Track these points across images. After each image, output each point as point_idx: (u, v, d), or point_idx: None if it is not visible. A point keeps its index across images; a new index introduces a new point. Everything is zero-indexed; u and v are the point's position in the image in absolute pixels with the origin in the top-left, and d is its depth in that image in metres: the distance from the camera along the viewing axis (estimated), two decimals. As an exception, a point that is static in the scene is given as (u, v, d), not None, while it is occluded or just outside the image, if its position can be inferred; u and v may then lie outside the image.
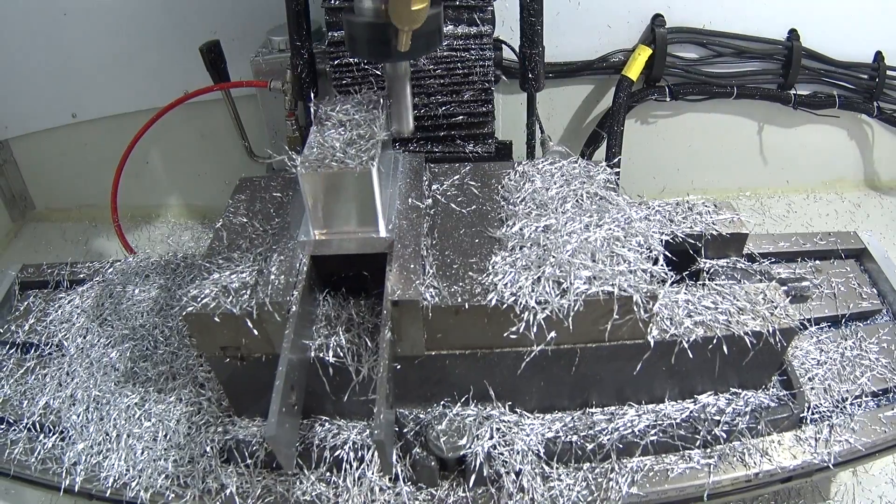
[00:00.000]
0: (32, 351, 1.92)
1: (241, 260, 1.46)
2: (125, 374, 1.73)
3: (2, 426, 1.75)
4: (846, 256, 2.02)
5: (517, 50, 2.34)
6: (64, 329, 1.91)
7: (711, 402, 1.54)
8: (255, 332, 1.36)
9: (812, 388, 1.64)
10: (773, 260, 1.83)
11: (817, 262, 1.98)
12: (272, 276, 1.36)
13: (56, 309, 1.99)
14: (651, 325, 1.39)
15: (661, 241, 1.56)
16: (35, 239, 3.19)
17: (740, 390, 1.57)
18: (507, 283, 1.32)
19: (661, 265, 1.40)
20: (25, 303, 2.08)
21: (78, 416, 1.67)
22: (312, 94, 2.13)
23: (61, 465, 1.61)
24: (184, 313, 1.36)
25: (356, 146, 1.35)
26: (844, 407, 1.62)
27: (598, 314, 1.32)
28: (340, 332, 1.38)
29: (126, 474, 1.55)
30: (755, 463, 1.50)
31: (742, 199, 3.28)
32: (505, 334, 1.34)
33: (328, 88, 2.21)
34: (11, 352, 1.95)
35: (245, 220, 1.58)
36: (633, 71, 2.74)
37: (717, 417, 1.51)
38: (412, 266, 1.34)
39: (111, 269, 2.09)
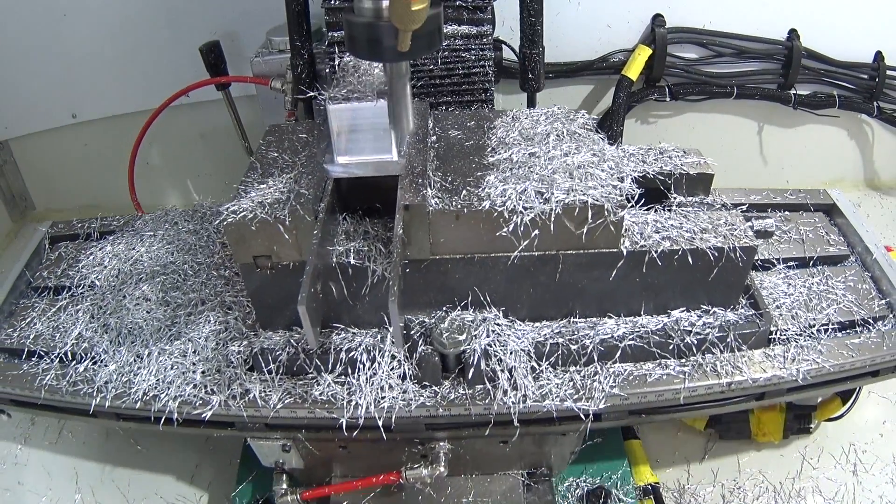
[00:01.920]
0: (64, 292, 2.02)
1: (275, 183, 1.65)
2: (157, 303, 1.84)
3: (33, 359, 1.84)
4: (815, 210, 2.14)
5: (517, 50, 2.35)
6: (96, 271, 2.01)
7: (684, 316, 1.70)
8: (287, 237, 1.53)
9: (780, 315, 1.77)
10: (747, 210, 1.91)
11: (787, 212, 2.12)
12: (302, 191, 1.58)
13: (87, 256, 2.09)
14: (623, 237, 1.60)
15: (635, 175, 1.75)
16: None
17: (710, 307, 1.72)
18: (498, 194, 1.56)
19: (629, 184, 1.61)
20: (57, 252, 2.21)
21: (110, 342, 1.78)
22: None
23: (93, 385, 1.70)
24: (224, 223, 1.53)
25: (374, 87, 1.60)
26: (811, 333, 1.74)
27: (576, 220, 1.54)
28: (358, 241, 1.60)
29: (155, 387, 1.65)
30: (727, 373, 1.64)
31: (742, 199, 3.28)
32: (498, 234, 1.54)
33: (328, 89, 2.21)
34: (43, 295, 2.06)
35: (276, 154, 1.78)
36: (633, 71, 2.74)
37: (688, 329, 1.67)
38: (420, 181, 1.56)
39: (140, 220, 2.22)
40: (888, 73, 2.88)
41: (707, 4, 2.77)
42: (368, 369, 1.61)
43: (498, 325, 1.66)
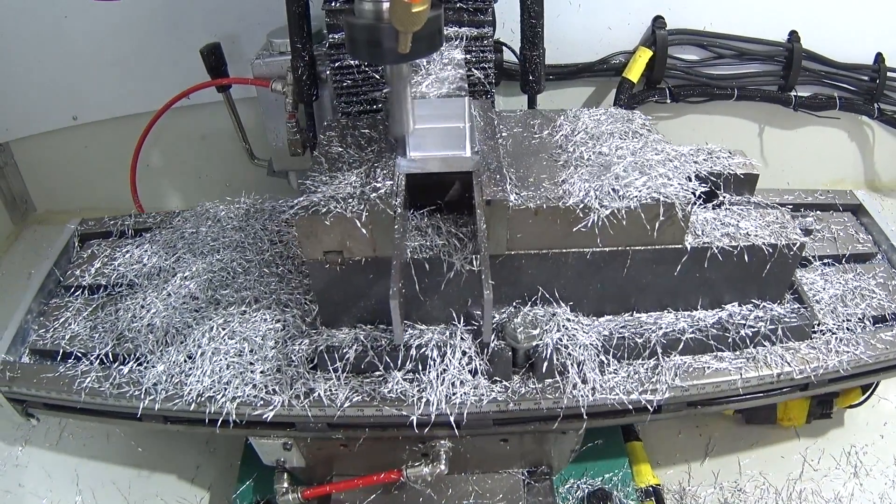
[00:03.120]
0: (101, 291, 1.96)
1: (344, 177, 1.62)
2: (206, 301, 1.78)
3: (70, 360, 1.77)
4: (844, 210, 2.25)
5: (518, 52, 2.35)
6: (134, 270, 1.95)
7: (737, 310, 1.77)
8: (364, 231, 1.52)
9: (820, 310, 1.85)
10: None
11: (818, 212, 2.22)
12: (377, 184, 1.55)
13: (124, 253, 2.03)
14: (687, 232, 1.65)
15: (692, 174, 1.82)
16: (35, 241, 3.20)
17: (760, 301, 1.78)
18: (575, 190, 1.60)
19: (694, 182, 1.68)
20: (89, 251, 2.12)
21: (157, 342, 1.70)
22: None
23: (140, 387, 1.64)
24: (296, 218, 1.51)
25: (446, 85, 1.67)
26: (849, 326, 1.82)
27: (649, 216, 1.58)
28: (435, 236, 1.61)
29: (211, 388, 1.59)
30: (777, 365, 1.70)
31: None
32: (574, 230, 1.58)
33: (328, 89, 2.21)
34: (77, 294, 1.99)
35: (340, 149, 1.75)
36: (634, 73, 2.75)
37: (742, 321, 1.73)
38: (498, 177, 1.58)
39: (179, 217, 2.15)
40: (889, 74, 2.88)
41: (707, 6, 2.77)
42: (439, 365, 1.60)
43: (568, 319, 1.69)
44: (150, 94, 2.83)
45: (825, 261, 2.04)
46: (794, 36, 2.81)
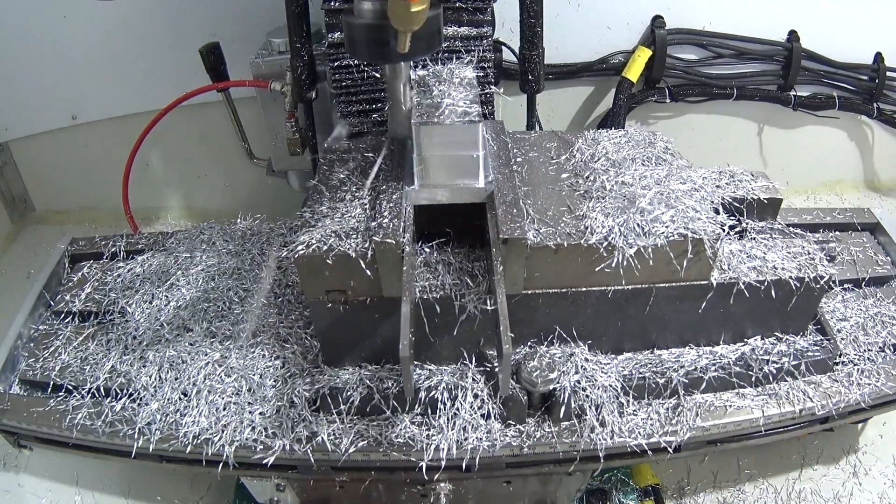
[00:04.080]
0: (91, 318, 1.88)
1: (347, 209, 1.52)
2: (201, 334, 1.70)
3: (61, 394, 1.71)
4: (862, 229, 2.21)
5: (517, 51, 2.35)
6: (126, 296, 1.85)
7: (759, 344, 1.71)
8: (369, 272, 1.42)
9: (842, 339, 1.81)
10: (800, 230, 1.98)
11: (837, 233, 2.19)
12: (384, 221, 1.43)
13: (115, 278, 1.93)
14: (714, 267, 1.57)
15: (717, 204, 1.76)
16: (35, 241, 3.19)
17: (782, 335, 1.73)
18: (598, 227, 1.50)
19: (723, 215, 1.61)
20: (79, 273, 2.02)
21: (150, 377, 1.62)
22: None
23: (133, 426, 1.56)
24: (295, 256, 1.40)
25: (458, 106, 1.52)
26: (870, 356, 1.79)
27: (675, 253, 1.50)
28: (445, 273, 1.51)
29: (208, 430, 1.51)
30: (799, 401, 1.65)
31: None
32: (597, 269, 1.49)
33: (328, 89, 2.21)
34: (67, 321, 1.90)
35: (343, 175, 1.65)
36: (633, 72, 2.74)
37: (765, 357, 1.67)
38: (515, 211, 1.46)
39: (172, 239, 2.06)
40: (888, 74, 2.88)
41: (707, 6, 2.77)
42: (450, 409, 1.52)
43: (586, 359, 1.61)
44: (149, 93, 2.83)
45: (845, 286, 2.01)
46: (793, 35, 2.81)
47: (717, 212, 1.60)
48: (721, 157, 3.16)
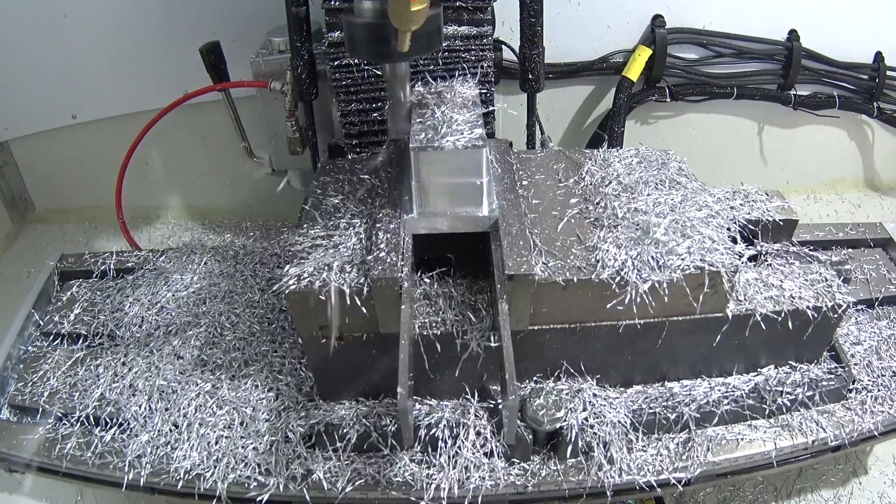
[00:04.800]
0: (80, 342, 1.83)
1: (341, 238, 1.44)
2: (192, 363, 1.65)
3: (50, 420, 1.67)
4: (874, 245, 2.14)
5: (517, 51, 2.34)
6: (116, 319, 1.80)
7: (773, 374, 1.66)
8: (364, 309, 1.35)
9: (855, 364, 1.76)
10: (812, 248, 1.91)
11: (850, 249, 2.11)
12: (381, 254, 1.36)
13: (104, 298, 1.88)
14: (730, 299, 1.50)
15: (732, 230, 1.68)
16: (35, 241, 3.19)
17: (796, 364, 1.67)
18: (610, 260, 1.42)
19: (741, 244, 1.53)
20: (68, 293, 1.97)
21: (140, 407, 1.57)
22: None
23: (123, 458, 1.53)
24: (286, 291, 1.34)
25: (459, 128, 1.42)
26: (884, 382, 1.74)
27: (691, 287, 1.43)
28: (446, 308, 1.42)
29: (199, 465, 1.47)
30: (812, 431, 1.61)
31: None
32: (608, 305, 1.42)
33: (328, 89, 2.21)
34: (56, 343, 1.86)
35: (336, 199, 1.58)
36: (634, 72, 2.74)
37: (779, 388, 1.62)
38: (521, 243, 1.38)
39: (163, 258, 2.01)
40: (888, 73, 2.88)
41: (707, 5, 2.76)
42: (451, 447, 1.47)
43: (594, 395, 1.55)
44: (150, 92, 2.82)
45: (859, 307, 1.95)
46: (793, 35, 2.80)
47: (734, 241, 1.53)
48: (721, 156, 3.17)
